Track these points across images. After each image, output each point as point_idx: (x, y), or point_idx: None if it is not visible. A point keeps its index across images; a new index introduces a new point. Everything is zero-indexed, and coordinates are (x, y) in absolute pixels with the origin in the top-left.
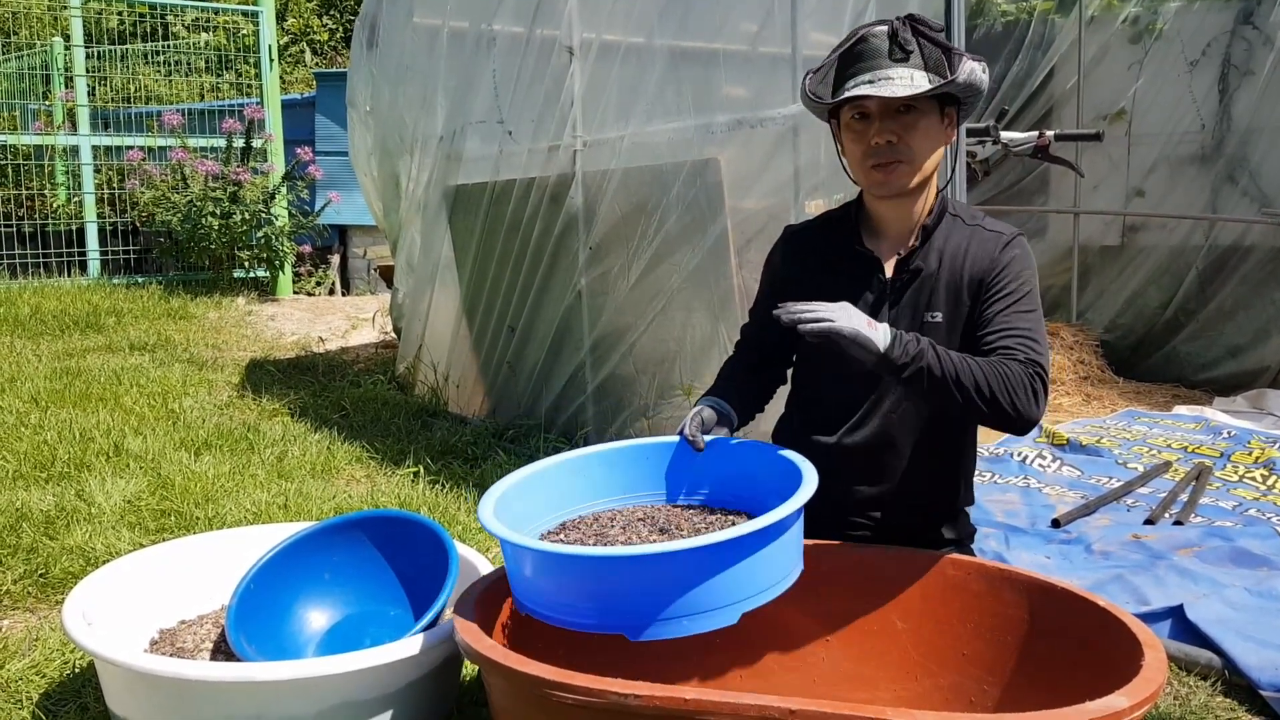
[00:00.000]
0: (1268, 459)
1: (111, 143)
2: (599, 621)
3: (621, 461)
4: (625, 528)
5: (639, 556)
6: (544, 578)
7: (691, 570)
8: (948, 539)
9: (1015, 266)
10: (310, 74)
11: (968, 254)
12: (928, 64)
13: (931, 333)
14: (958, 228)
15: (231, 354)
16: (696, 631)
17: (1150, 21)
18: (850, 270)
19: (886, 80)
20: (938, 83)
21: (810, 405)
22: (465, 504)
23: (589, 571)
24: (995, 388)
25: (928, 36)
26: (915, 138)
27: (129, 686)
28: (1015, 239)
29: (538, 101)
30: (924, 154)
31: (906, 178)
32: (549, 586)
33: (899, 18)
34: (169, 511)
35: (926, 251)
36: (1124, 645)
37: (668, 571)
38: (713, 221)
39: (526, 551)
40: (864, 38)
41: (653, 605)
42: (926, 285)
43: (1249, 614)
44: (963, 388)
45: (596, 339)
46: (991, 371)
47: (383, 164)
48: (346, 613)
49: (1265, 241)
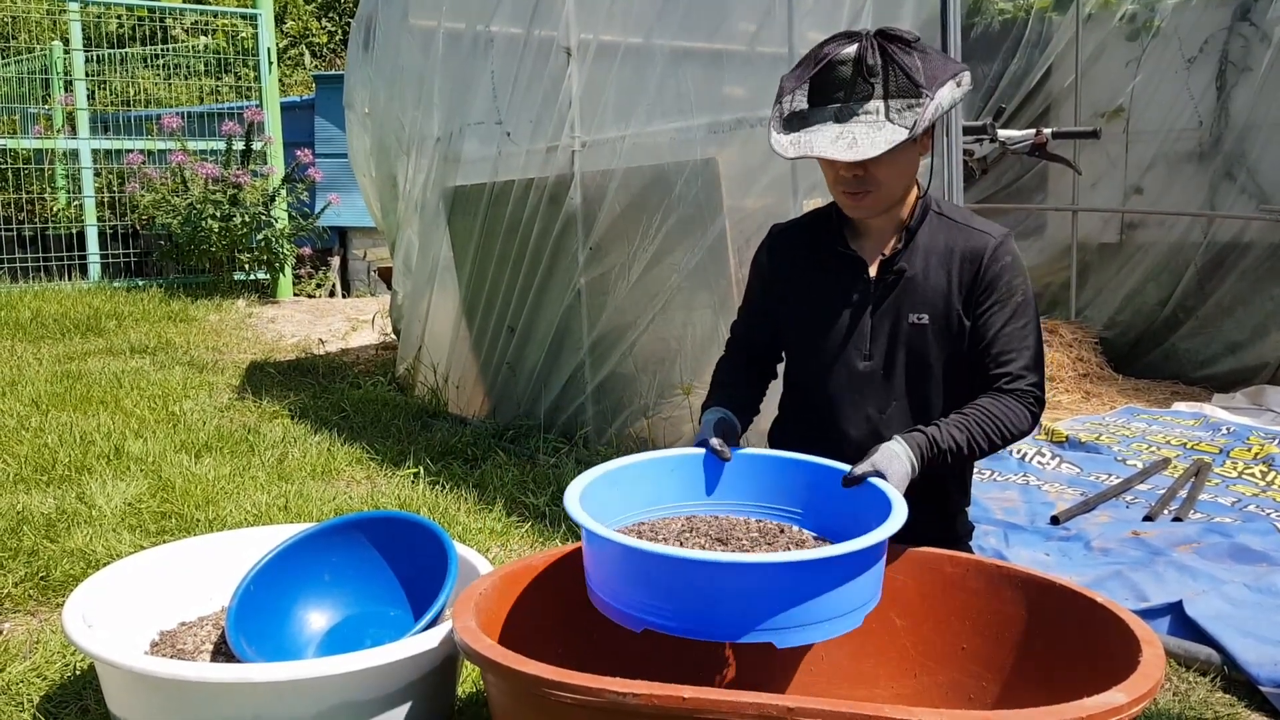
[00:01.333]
0: (1267, 455)
1: (111, 146)
2: (693, 627)
3: (706, 468)
4: (711, 536)
5: (749, 565)
6: (632, 578)
7: (802, 582)
8: (945, 537)
9: (1009, 275)
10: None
11: (954, 255)
12: (898, 91)
13: (916, 334)
14: (943, 227)
15: (232, 356)
16: (790, 645)
17: (1148, 19)
18: (836, 271)
19: (851, 123)
20: (901, 131)
21: (801, 405)
22: (465, 504)
23: (697, 576)
24: (994, 438)
25: (897, 61)
26: (883, 170)
27: (129, 688)
28: (1004, 242)
29: (536, 102)
30: (894, 180)
31: (878, 204)
32: (637, 587)
33: (868, 35)
34: (169, 514)
35: (910, 253)
36: (1122, 642)
37: (774, 581)
38: (712, 221)
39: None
40: (829, 65)
41: (751, 615)
42: (911, 287)
43: (1248, 610)
44: (974, 455)
45: (596, 339)
46: (991, 426)
47: (380, 165)
48: (346, 614)
49: (1263, 238)
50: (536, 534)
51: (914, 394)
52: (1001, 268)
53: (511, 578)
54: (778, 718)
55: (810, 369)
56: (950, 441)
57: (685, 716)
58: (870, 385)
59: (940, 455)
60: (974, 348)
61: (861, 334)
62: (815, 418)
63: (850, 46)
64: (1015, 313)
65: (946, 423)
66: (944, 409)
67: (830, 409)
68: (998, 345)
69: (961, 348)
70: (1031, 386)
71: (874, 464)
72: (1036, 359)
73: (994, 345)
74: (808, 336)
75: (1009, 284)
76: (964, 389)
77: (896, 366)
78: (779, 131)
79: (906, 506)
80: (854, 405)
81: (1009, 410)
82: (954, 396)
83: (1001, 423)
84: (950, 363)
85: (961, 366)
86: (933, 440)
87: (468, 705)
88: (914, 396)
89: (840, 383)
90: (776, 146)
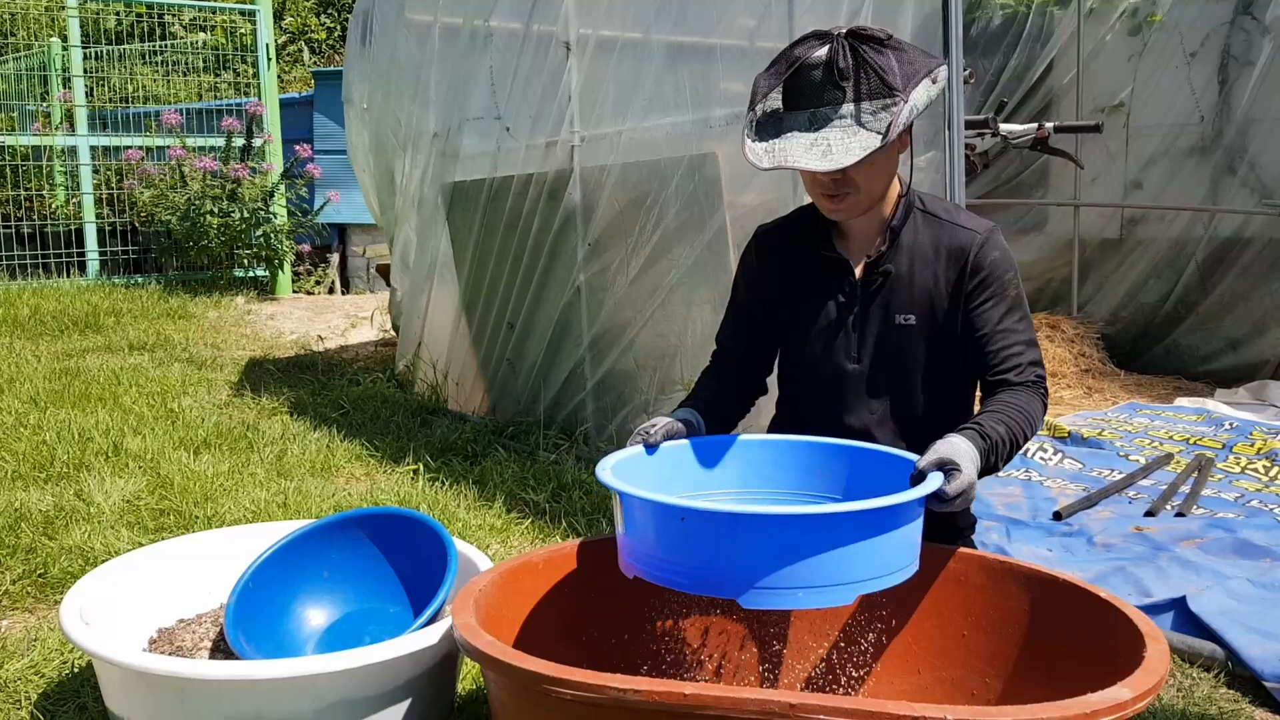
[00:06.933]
0: (1270, 450)
1: (110, 143)
2: (713, 583)
3: (744, 453)
4: None
5: (768, 516)
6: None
7: (816, 538)
8: (947, 530)
9: (999, 270)
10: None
11: (940, 253)
12: (870, 93)
13: (904, 335)
14: (928, 224)
15: (231, 353)
16: (810, 606)
17: (1149, 13)
18: (821, 272)
19: (825, 129)
20: (875, 138)
21: (793, 407)
22: (465, 501)
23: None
24: (1027, 431)
25: (869, 62)
26: (861, 174)
27: (127, 686)
28: (990, 237)
29: (535, 97)
30: (873, 182)
31: (858, 206)
32: (663, 546)
33: (840, 35)
34: (168, 511)
35: (895, 253)
36: (1126, 637)
37: (792, 535)
38: (711, 216)
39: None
40: (800, 69)
41: (766, 571)
42: (897, 287)
43: (1252, 605)
44: (1014, 448)
45: (595, 335)
46: (1023, 419)
47: (378, 161)
48: (345, 610)
49: (1265, 233)
50: (537, 530)
51: (904, 395)
52: (991, 262)
53: (512, 574)
54: (779, 714)
55: (800, 371)
56: (997, 435)
57: (687, 713)
58: (860, 387)
59: (991, 447)
60: (971, 342)
61: (849, 337)
62: (808, 419)
63: (821, 49)
64: (1012, 306)
65: (984, 419)
66: (934, 409)
67: (821, 411)
68: (1000, 340)
69: (951, 347)
70: (1040, 377)
71: (940, 455)
72: (1038, 351)
73: (996, 340)
74: (796, 339)
75: (1000, 279)
76: (954, 388)
77: (885, 368)
78: (753, 138)
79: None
80: (845, 407)
81: (1029, 401)
82: (944, 396)
83: (1030, 416)
84: (939, 362)
85: (951, 365)
86: (982, 434)
87: (468, 702)
88: (904, 397)
89: (830, 385)
90: (751, 156)
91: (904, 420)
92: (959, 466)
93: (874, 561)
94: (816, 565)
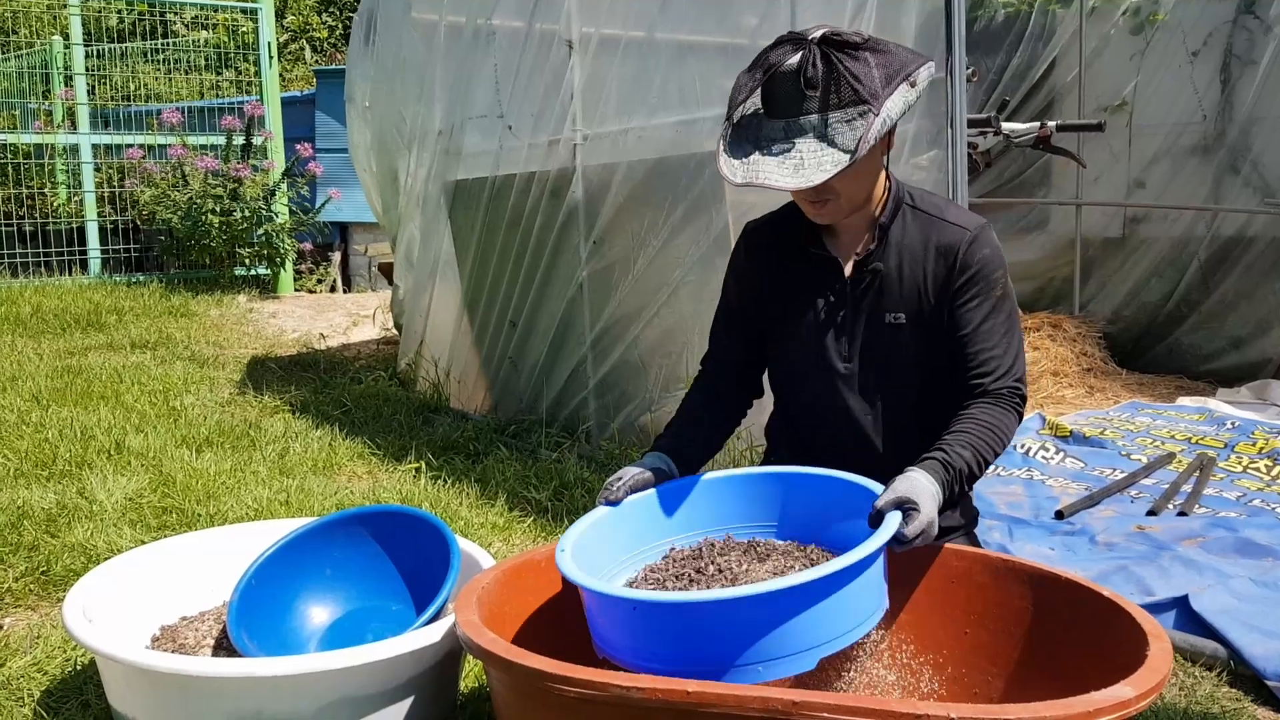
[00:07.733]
0: (1272, 449)
1: (111, 141)
2: (677, 669)
3: (691, 496)
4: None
5: (704, 603)
6: (619, 626)
7: (766, 614)
8: (947, 526)
9: (988, 268)
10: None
11: (929, 251)
12: (841, 103)
13: (894, 334)
14: (917, 221)
15: (233, 351)
16: (773, 679)
17: (1151, 12)
18: (811, 271)
19: (798, 142)
20: (844, 156)
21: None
22: (467, 499)
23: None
24: (996, 449)
25: (842, 71)
26: (839, 183)
27: (130, 683)
28: (980, 234)
29: (538, 95)
30: (854, 188)
31: (840, 211)
32: (623, 633)
33: (812, 41)
34: (170, 509)
35: (884, 250)
36: (1129, 636)
37: (735, 618)
38: (715, 214)
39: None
40: (774, 77)
41: (722, 653)
42: (886, 286)
43: (1254, 604)
44: (980, 471)
45: (598, 333)
46: (991, 437)
47: (381, 159)
48: (348, 608)
49: (1268, 232)
50: (539, 528)
51: (897, 393)
52: (979, 260)
53: (514, 572)
54: (782, 712)
55: (792, 371)
56: (961, 461)
57: (689, 711)
58: (852, 387)
59: (954, 476)
60: (952, 340)
61: (840, 336)
62: (802, 419)
63: (794, 56)
64: (995, 307)
65: (950, 443)
66: (927, 407)
67: (815, 410)
68: (977, 343)
69: (941, 344)
70: (1015, 385)
71: (899, 494)
72: (1017, 354)
73: (973, 342)
74: (787, 338)
75: (988, 277)
76: (946, 386)
77: (877, 367)
78: (727, 150)
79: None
80: (838, 407)
81: (1000, 417)
82: (936, 394)
83: (1000, 432)
84: (931, 360)
85: (942, 363)
86: (945, 463)
87: (470, 700)
88: (897, 396)
89: (822, 384)
90: (725, 170)
91: (897, 418)
92: (918, 506)
93: (832, 624)
94: (778, 637)
